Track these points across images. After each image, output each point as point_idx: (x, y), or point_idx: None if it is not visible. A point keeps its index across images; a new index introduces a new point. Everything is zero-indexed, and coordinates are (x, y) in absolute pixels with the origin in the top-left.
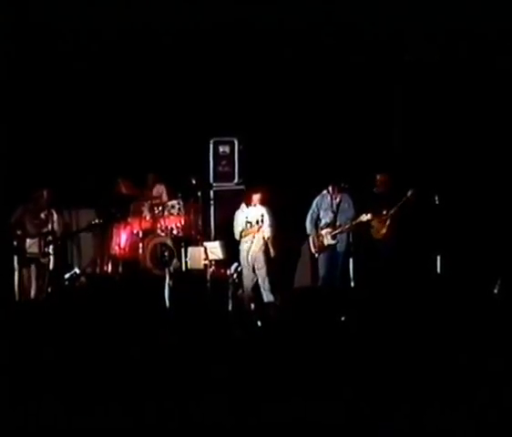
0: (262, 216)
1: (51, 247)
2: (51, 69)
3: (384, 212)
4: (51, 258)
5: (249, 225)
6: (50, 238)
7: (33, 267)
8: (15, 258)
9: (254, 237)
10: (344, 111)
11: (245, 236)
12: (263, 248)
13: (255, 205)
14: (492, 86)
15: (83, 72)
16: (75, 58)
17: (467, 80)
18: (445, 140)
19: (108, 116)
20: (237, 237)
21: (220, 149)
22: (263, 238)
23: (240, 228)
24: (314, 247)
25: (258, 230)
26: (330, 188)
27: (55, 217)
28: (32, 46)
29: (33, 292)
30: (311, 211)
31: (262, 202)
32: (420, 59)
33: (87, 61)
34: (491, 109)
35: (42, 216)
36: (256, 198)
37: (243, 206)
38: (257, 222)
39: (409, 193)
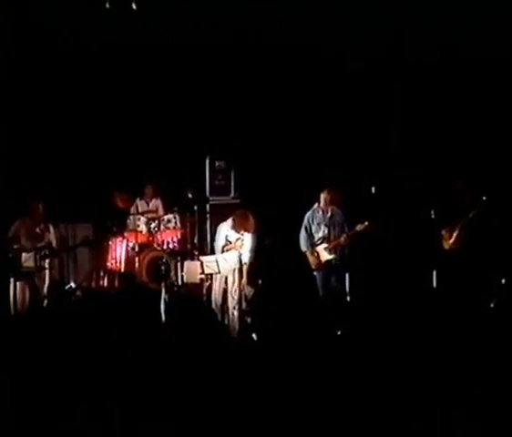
0: (242, 237)
1: (47, 261)
2: (51, 69)
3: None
4: (47, 272)
5: (228, 242)
6: (46, 252)
7: (28, 281)
8: (12, 272)
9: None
10: (344, 111)
11: (227, 251)
12: (238, 271)
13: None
14: (492, 85)
15: (80, 90)
16: (75, 62)
17: (467, 80)
18: (445, 140)
19: (105, 130)
20: (218, 251)
21: (217, 163)
22: (240, 261)
23: (221, 243)
24: (313, 264)
25: (240, 247)
26: (321, 202)
27: (51, 230)
28: (32, 46)
29: (28, 306)
30: (303, 227)
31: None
32: (420, 59)
33: (86, 81)
34: (491, 109)
35: (37, 230)
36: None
37: (229, 223)
38: (237, 240)
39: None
